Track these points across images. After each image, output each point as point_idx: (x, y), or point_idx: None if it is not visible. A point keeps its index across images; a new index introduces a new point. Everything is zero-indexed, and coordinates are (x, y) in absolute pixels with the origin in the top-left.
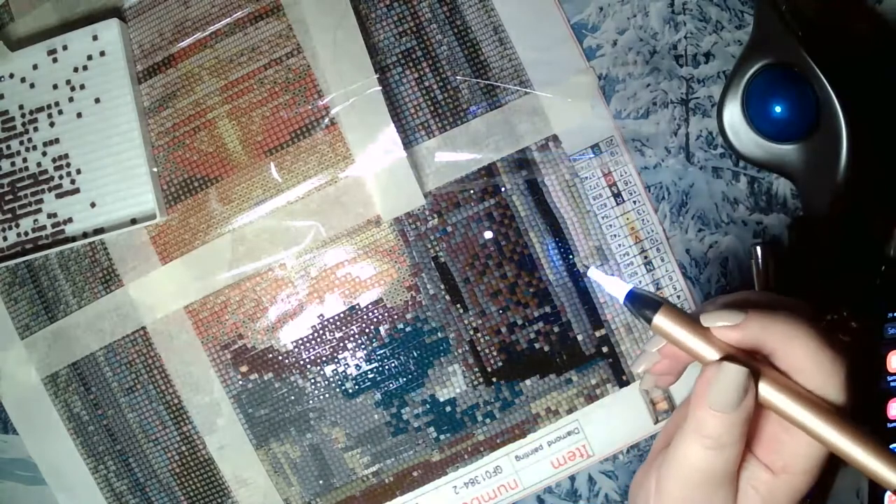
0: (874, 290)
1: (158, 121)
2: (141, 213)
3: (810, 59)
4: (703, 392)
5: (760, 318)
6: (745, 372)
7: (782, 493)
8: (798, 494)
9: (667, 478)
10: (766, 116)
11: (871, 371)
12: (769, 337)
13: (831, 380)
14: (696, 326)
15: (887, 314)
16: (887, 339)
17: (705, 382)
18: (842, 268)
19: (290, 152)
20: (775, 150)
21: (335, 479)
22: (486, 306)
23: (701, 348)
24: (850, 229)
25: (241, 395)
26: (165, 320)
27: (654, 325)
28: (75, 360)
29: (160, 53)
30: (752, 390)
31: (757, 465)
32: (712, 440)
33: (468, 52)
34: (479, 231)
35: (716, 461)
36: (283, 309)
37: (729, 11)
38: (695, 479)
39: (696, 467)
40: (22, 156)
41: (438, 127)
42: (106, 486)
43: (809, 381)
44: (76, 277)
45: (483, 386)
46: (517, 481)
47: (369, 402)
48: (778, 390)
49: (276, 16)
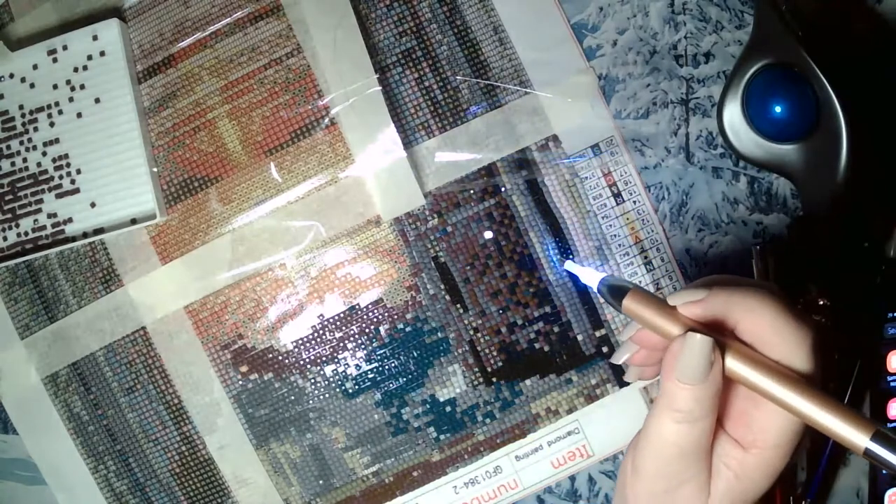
0: (874, 290)
1: (158, 121)
2: (141, 213)
3: (810, 59)
4: (671, 366)
5: (723, 292)
6: (708, 341)
7: (754, 469)
8: (771, 470)
9: (642, 456)
10: (766, 116)
11: (871, 371)
12: (732, 309)
13: (796, 349)
14: (663, 307)
15: (887, 314)
16: (887, 339)
17: (672, 356)
18: (842, 268)
19: (290, 152)
20: (775, 150)
21: (335, 479)
22: (486, 306)
23: (669, 326)
24: (850, 229)
25: (241, 395)
26: (165, 320)
27: (625, 307)
28: (75, 360)
29: (160, 53)
30: (719, 361)
31: (728, 441)
32: (683, 414)
33: (468, 52)
34: (479, 231)
35: (688, 435)
36: (283, 309)
37: (729, 11)
38: (668, 454)
39: (669, 441)
40: (22, 156)
41: (438, 127)
42: (106, 486)
43: (774, 351)
44: (76, 277)
45: (483, 386)
46: (517, 481)
47: (369, 402)
48: (744, 362)
49: (276, 16)
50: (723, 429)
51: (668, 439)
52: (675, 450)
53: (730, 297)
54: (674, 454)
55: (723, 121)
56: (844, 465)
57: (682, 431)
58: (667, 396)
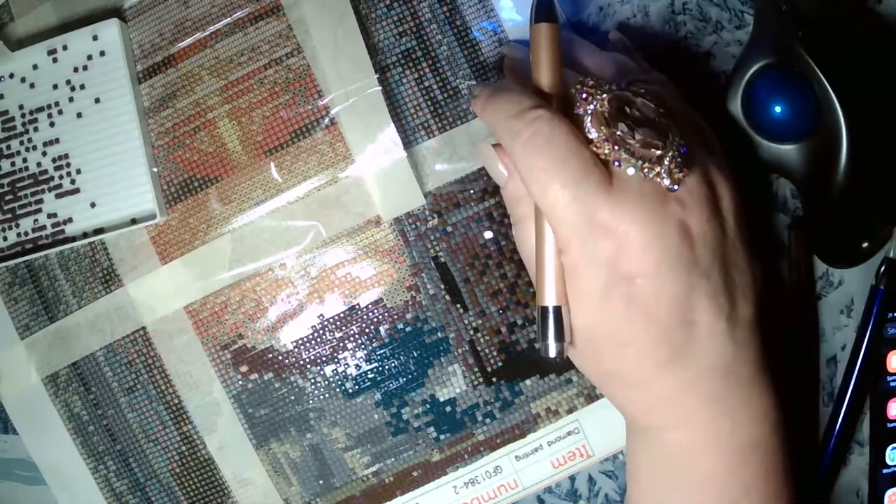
0: (874, 289)
1: (158, 121)
2: (141, 213)
3: (810, 59)
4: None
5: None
6: (490, 149)
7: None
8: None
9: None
10: (765, 116)
11: (871, 371)
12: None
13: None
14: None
15: (887, 314)
16: (887, 339)
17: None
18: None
19: (290, 152)
20: (775, 150)
21: (335, 479)
22: (486, 306)
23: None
24: (850, 229)
25: (241, 395)
26: (165, 320)
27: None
28: (75, 360)
29: (160, 53)
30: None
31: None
32: (513, 217)
33: (468, 52)
34: (479, 231)
35: (523, 231)
36: (283, 309)
37: (729, 11)
38: (526, 257)
39: (521, 245)
40: (22, 156)
41: (438, 127)
42: (106, 486)
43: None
44: (76, 277)
45: (483, 386)
46: (517, 481)
47: (369, 402)
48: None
49: (276, 16)
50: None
51: (520, 246)
52: (526, 249)
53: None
54: (530, 254)
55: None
56: (844, 465)
57: (517, 234)
58: (512, 214)
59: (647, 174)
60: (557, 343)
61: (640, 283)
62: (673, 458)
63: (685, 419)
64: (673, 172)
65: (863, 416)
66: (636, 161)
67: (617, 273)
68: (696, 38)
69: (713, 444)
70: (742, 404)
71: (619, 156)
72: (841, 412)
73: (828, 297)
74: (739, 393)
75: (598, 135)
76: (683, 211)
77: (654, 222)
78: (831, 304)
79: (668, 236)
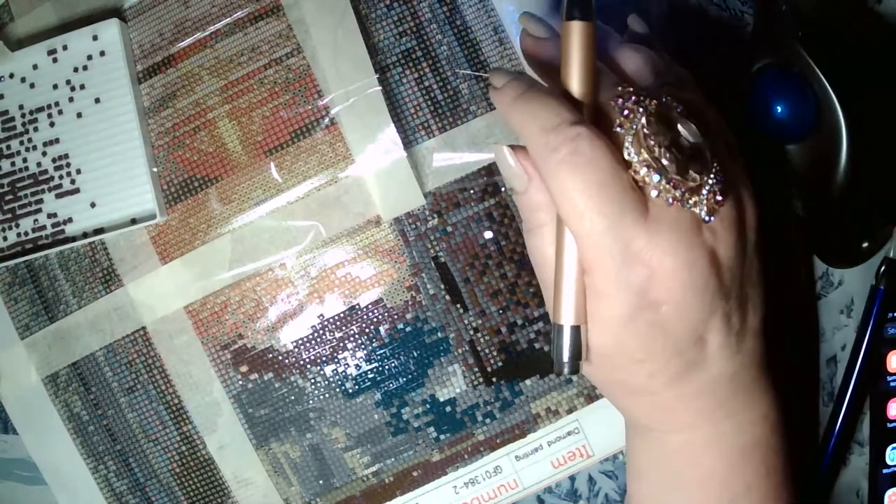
0: (874, 289)
1: (158, 121)
2: (141, 213)
3: (810, 59)
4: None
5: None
6: (506, 150)
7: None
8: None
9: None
10: (766, 116)
11: (871, 371)
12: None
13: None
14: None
15: (887, 314)
16: (887, 339)
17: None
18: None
19: (290, 152)
20: (775, 150)
21: (335, 479)
22: (486, 306)
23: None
24: (850, 229)
25: (241, 395)
26: (165, 320)
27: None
28: (75, 360)
29: (160, 53)
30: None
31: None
32: (527, 223)
33: (468, 52)
34: (479, 231)
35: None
36: (283, 309)
37: (729, 11)
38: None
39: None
40: (22, 156)
41: (438, 127)
42: (106, 486)
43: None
44: (76, 277)
45: (483, 386)
46: (517, 481)
47: (369, 402)
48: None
49: (276, 16)
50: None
51: (533, 253)
52: (539, 258)
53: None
54: (544, 263)
55: None
56: (844, 465)
57: (531, 241)
58: (525, 221)
59: (685, 205)
60: (574, 362)
61: (665, 309)
62: (674, 457)
63: (688, 422)
64: (710, 202)
65: (863, 416)
66: (676, 192)
67: (645, 300)
68: (696, 38)
69: (714, 443)
70: (744, 406)
71: (660, 186)
72: (841, 412)
73: (828, 297)
74: (742, 395)
75: (638, 159)
76: (714, 238)
77: (686, 252)
78: (831, 304)
79: (698, 265)
